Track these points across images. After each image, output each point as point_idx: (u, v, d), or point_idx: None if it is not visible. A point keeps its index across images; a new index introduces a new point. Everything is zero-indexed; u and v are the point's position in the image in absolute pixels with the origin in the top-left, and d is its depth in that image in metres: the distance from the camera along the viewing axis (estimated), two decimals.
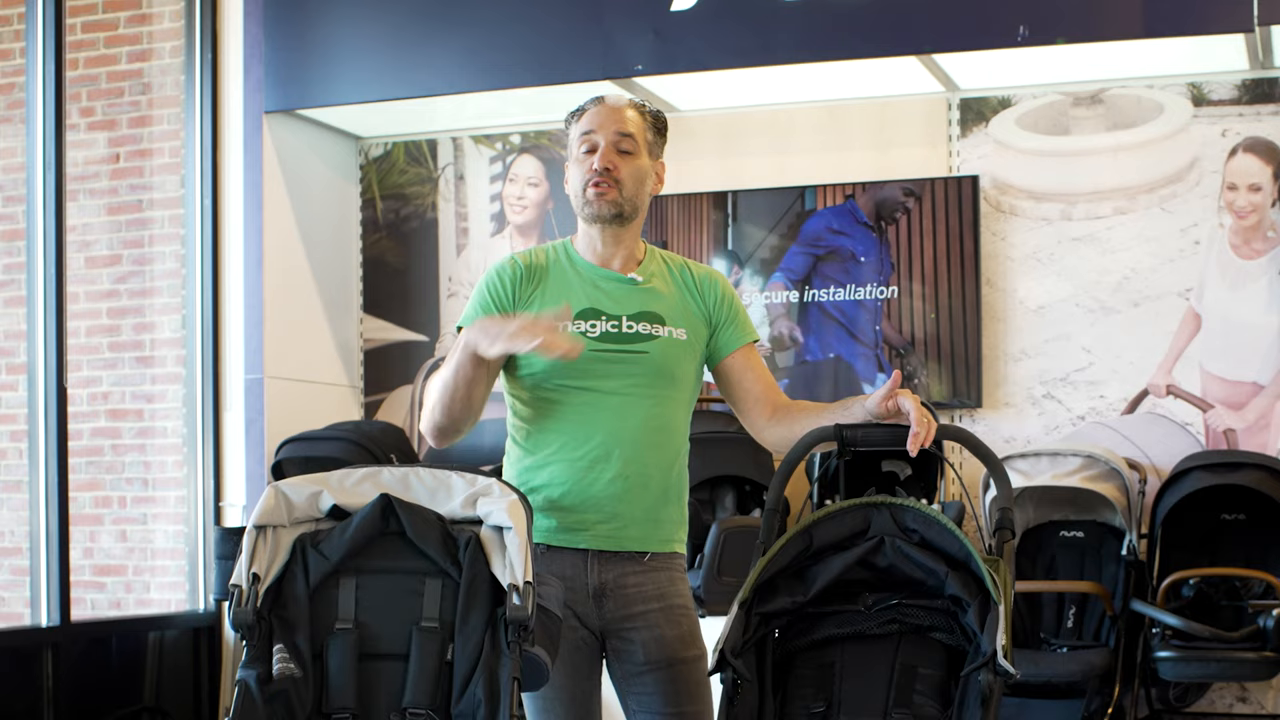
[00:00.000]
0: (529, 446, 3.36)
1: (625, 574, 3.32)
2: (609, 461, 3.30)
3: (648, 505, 3.34)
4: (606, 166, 3.32)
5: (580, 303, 3.34)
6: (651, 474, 3.33)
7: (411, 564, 3.28)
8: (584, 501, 3.31)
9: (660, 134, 3.43)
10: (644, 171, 3.38)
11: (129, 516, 6.83)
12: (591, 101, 3.41)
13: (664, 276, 3.43)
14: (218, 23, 6.46)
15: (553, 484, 3.32)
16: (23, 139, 5.94)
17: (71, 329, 6.62)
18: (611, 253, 3.40)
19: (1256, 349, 5.75)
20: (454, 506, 3.35)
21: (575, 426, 3.31)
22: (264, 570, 3.22)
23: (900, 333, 6.07)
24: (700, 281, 3.45)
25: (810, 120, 6.27)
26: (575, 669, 3.32)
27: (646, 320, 3.35)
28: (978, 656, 3.02)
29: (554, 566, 3.31)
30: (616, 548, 3.32)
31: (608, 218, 3.34)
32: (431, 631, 3.23)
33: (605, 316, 3.34)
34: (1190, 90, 5.86)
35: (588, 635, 3.34)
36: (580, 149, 3.36)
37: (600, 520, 3.31)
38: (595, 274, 3.38)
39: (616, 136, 3.35)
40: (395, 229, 6.82)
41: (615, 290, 3.37)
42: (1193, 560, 5.42)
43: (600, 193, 3.32)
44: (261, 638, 3.18)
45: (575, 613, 3.31)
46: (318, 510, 3.34)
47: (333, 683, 3.19)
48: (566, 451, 3.31)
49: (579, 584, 3.31)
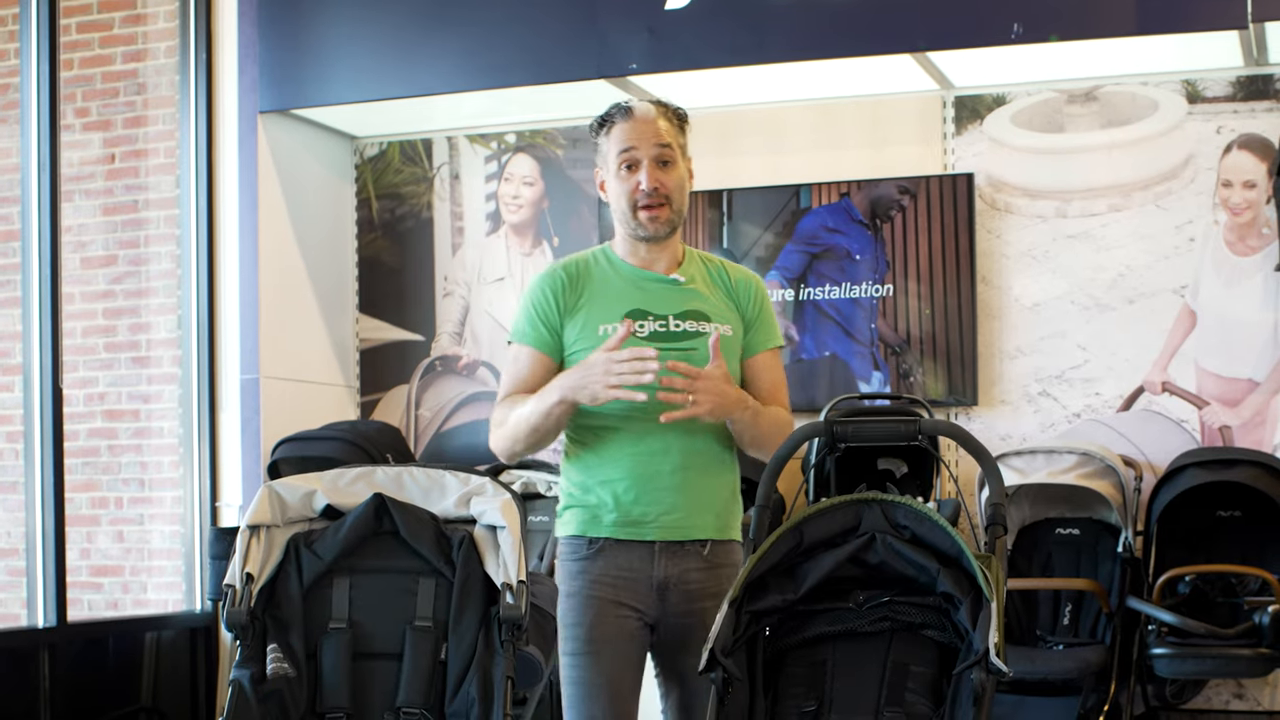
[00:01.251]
0: (589, 445, 3.44)
1: (688, 570, 3.41)
2: (668, 455, 3.40)
3: (707, 495, 3.44)
4: (655, 186, 3.41)
5: (627, 304, 3.45)
6: (708, 465, 3.44)
7: (405, 563, 3.30)
8: (646, 494, 3.39)
9: (685, 131, 3.54)
10: (684, 179, 3.50)
11: (126, 517, 6.83)
12: (620, 113, 3.47)
13: (704, 276, 3.54)
14: (212, 23, 6.46)
15: (615, 479, 3.40)
16: (18, 139, 5.93)
17: (67, 329, 6.62)
18: (655, 258, 3.51)
19: (1252, 346, 5.75)
20: (447, 506, 3.37)
21: (633, 424, 3.39)
22: (258, 570, 3.23)
23: (896, 331, 6.07)
24: (737, 282, 3.57)
25: (805, 118, 6.27)
26: (625, 659, 3.39)
27: (693, 318, 3.46)
28: (970, 654, 3.01)
29: (619, 559, 3.39)
30: (681, 538, 3.41)
31: (663, 236, 3.46)
32: (425, 631, 3.25)
33: (652, 316, 3.44)
34: (1185, 87, 5.86)
35: (642, 627, 3.41)
36: (621, 166, 3.43)
37: (664, 512, 3.39)
38: (638, 276, 3.49)
39: (657, 150, 3.43)
40: (390, 228, 6.82)
41: (660, 291, 3.48)
42: (1188, 557, 5.42)
43: (653, 215, 3.43)
44: (255, 637, 3.20)
45: (635, 604, 3.39)
46: (311, 510, 3.36)
47: (327, 682, 3.20)
48: (627, 447, 3.40)
49: (643, 577, 3.40)
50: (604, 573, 3.38)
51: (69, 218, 6.73)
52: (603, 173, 3.50)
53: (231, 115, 6.40)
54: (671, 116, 3.49)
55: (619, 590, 3.38)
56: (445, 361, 6.70)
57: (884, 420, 3.35)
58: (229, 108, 6.41)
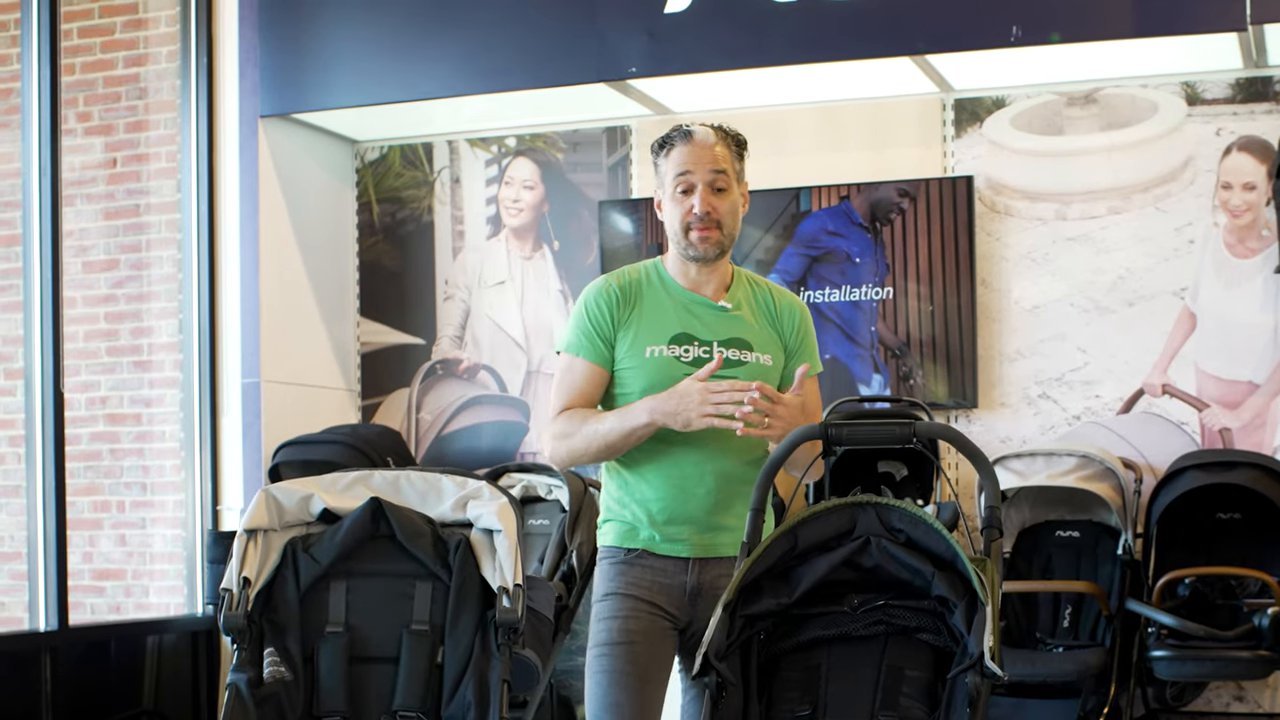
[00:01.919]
0: (629, 464, 3.53)
1: (720, 575, 3.49)
2: (703, 479, 3.49)
3: (740, 516, 3.46)
4: (708, 210, 3.50)
5: (674, 327, 3.53)
6: (741, 490, 3.49)
7: (402, 567, 3.31)
8: (681, 515, 3.49)
9: (742, 157, 3.62)
10: (737, 204, 3.58)
11: (128, 521, 6.83)
12: (680, 137, 3.56)
13: (750, 303, 3.62)
14: (213, 27, 6.47)
15: (651, 499, 3.49)
16: (19, 144, 5.93)
17: (70, 334, 6.64)
18: (705, 280, 3.59)
19: (1252, 348, 5.75)
20: (444, 509, 3.38)
21: (670, 448, 3.48)
22: (255, 574, 3.24)
23: (896, 333, 6.08)
24: (781, 309, 3.64)
25: (805, 121, 6.28)
26: (654, 655, 3.46)
27: (736, 346, 3.54)
28: (965, 658, 3.00)
29: (655, 564, 3.48)
30: (714, 554, 3.51)
31: (712, 258, 3.54)
32: (422, 634, 3.26)
33: (698, 342, 3.53)
34: (1184, 89, 5.86)
35: (672, 629, 3.49)
36: (676, 189, 3.53)
37: (698, 531, 3.50)
38: (688, 299, 3.57)
39: (712, 175, 3.52)
40: (391, 232, 6.83)
41: (707, 316, 3.56)
42: (1188, 559, 5.42)
43: (704, 236, 3.51)
44: (252, 641, 3.21)
45: (668, 608, 3.48)
46: (309, 514, 3.37)
47: (323, 685, 3.21)
48: (664, 470, 3.49)
49: (677, 583, 3.49)
50: (640, 576, 3.48)
51: (71, 222, 6.75)
52: (660, 193, 3.59)
53: (232, 119, 6.41)
54: (730, 143, 3.58)
55: (654, 593, 3.47)
56: (446, 365, 6.71)
57: (878, 423, 3.35)
58: (230, 112, 6.42)
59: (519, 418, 6.44)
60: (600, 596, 3.49)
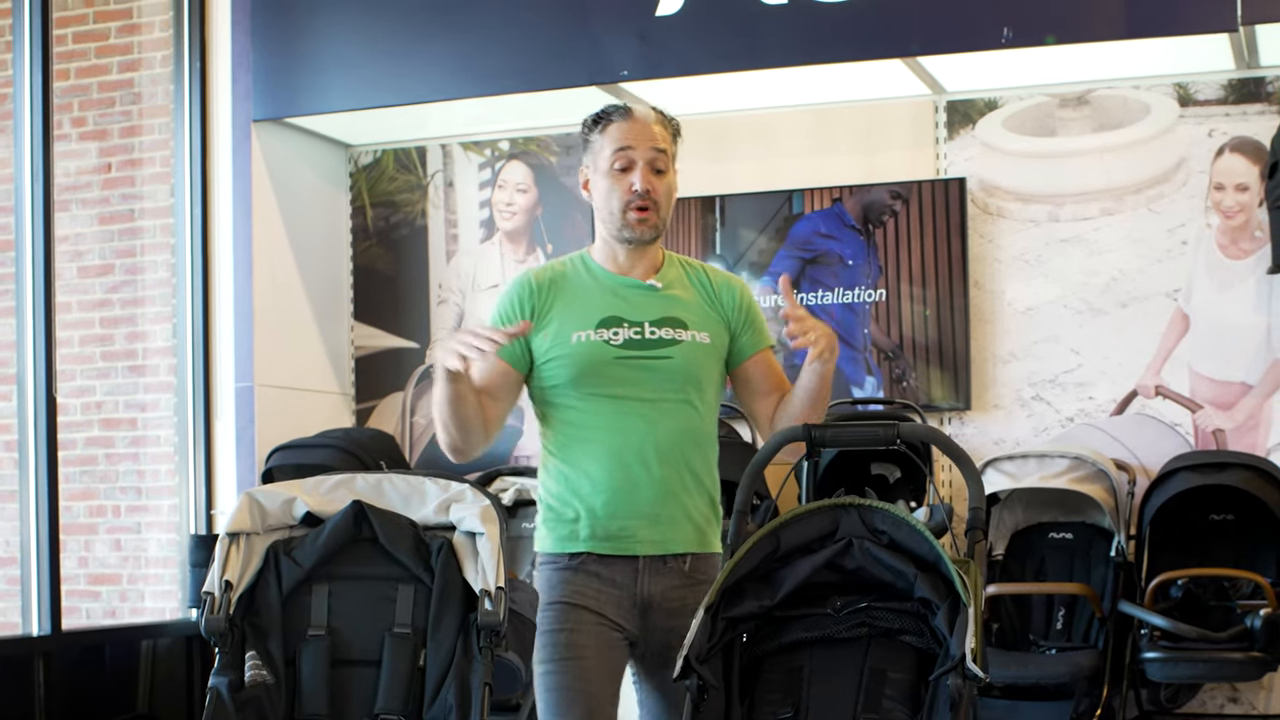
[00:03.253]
0: (565, 457, 3.37)
1: (671, 588, 3.35)
2: (647, 467, 3.33)
3: (687, 507, 3.37)
4: (648, 189, 3.36)
5: (601, 311, 3.38)
6: (688, 478, 3.37)
7: (384, 570, 3.30)
8: (627, 508, 3.33)
9: (677, 143, 3.48)
10: (673, 187, 3.44)
11: (123, 525, 6.84)
12: (619, 113, 3.41)
13: (683, 283, 3.46)
14: (206, 32, 6.47)
15: (594, 493, 3.33)
16: (12, 149, 5.94)
17: (65, 338, 6.64)
18: (633, 264, 3.44)
19: (1245, 349, 5.74)
20: (427, 513, 3.37)
21: (609, 435, 3.33)
22: (237, 577, 3.24)
23: (889, 336, 6.07)
24: (719, 287, 3.49)
25: (797, 124, 6.28)
26: (604, 669, 3.33)
27: (669, 325, 3.38)
28: (947, 660, 2.99)
29: (604, 573, 3.32)
30: (662, 551, 3.35)
31: (648, 240, 3.40)
32: (404, 637, 3.25)
33: (627, 323, 3.37)
34: (1176, 90, 5.85)
35: (622, 640, 3.35)
36: (614, 165, 3.37)
37: (644, 526, 3.33)
38: (615, 282, 3.42)
39: (652, 154, 3.38)
40: (385, 236, 6.83)
41: (636, 297, 3.40)
42: (1181, 561, 5.41)
43: (642, 218, 3.37)
44: (234, 645, 3.21)
45: (617, 619, 3.33)
46: (291, 517, 3.37)
47: (305, 689, 3.21)
48: (604, 460, 3.33)
49: (627, 593, 3.33)
50: (585, 584, 3.31)
51: (66, 227, 6.75)
52: (589, 171, 3.44)
53: (225, 124, 6.41)
54: (668, 124, 3.44)
55: (601, 603, 3.31)
56: None
57: (861, 425, 3.36)
58: (223, 116, 6.43)
59: (512, 421, 6.43)
60: (543, 606, 3.32)
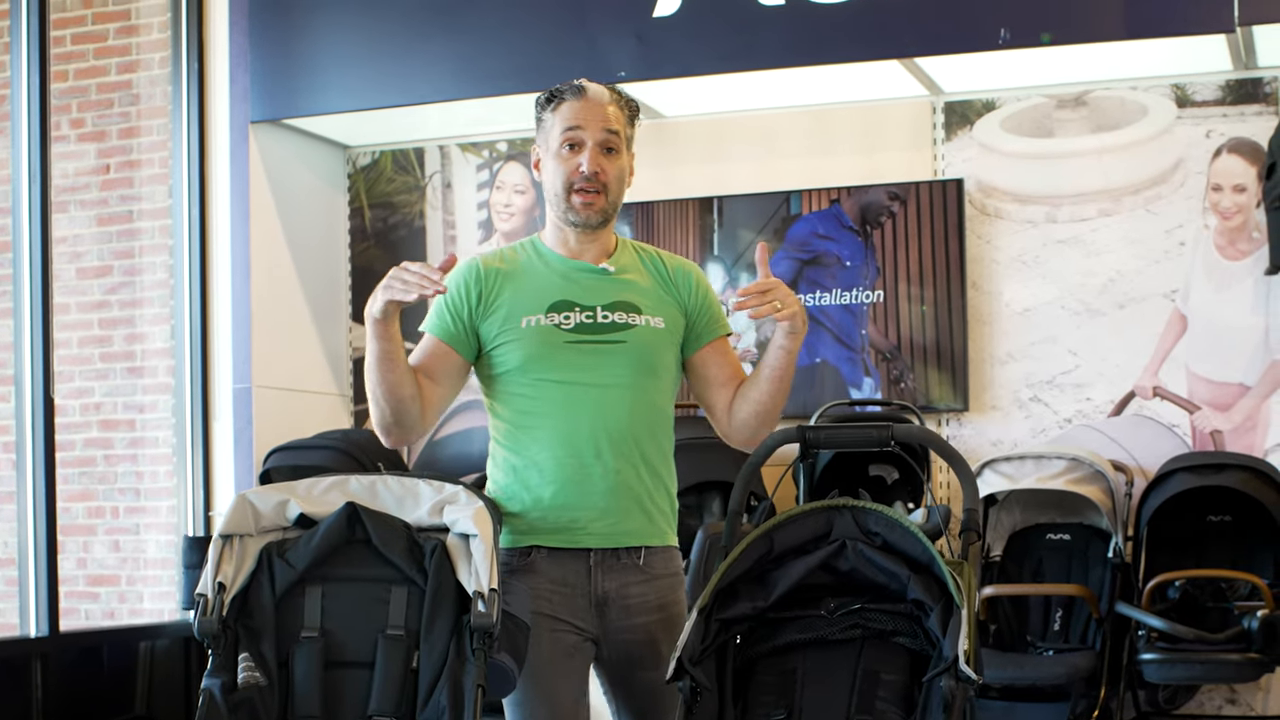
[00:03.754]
0: (514, 447, 3.31)
1: (628, 584, 3.29)
2: (599, 456, 3.25)
3: (641, 498, 3.30)
4: (596, 170, 3.26)
5: (552, 295, 3.29)
6: (641, 466, 3.29)
7: (377, 572, 3.28)
8: (577, 499, 3.25)
9: (634, 124, 3.36)
10: (624, 170, 3.33)
11: (122, 526, 6.84)
12: (572, 91, 3.29)
13: (638, 267, 3.38)
14: (204, 33, 6.48)
15: (543, 484, 3.26)
16: (9, 150, 5.94)
17: (63, 340, 6.64)
18: (584, 248, 3.35)
19: (1242, 350, 5.73)
20: (421, 514, 3.36)
21: (560, 422, 3.25)
22: (230, 579, 3.23)
23: (887, 337, 6.07)
24: (674, 272, 3.40)
25: (795, 125, 6.27)
26: (567, 674, 3.28)
27: (622, 310, 3.30)
28: (940, 661, 2.98)
29: (554, 572, 3.27)
30: (614, 544, 3.27)
31: (595, 225, 3.31)
32: (397, 639, 3.23)
33: (579, 308, 3.28)
34: (1174, 91, 5.85)
35: (583, 641, 3.29)
36: (562, 145, 3.27)
37: (595, 517, 3.26)
38: (566, 266, 3.33)
39: (604, 135, 3.27)
40: (383, 237, 6.83)
41: (588, 281, 3.32)
42: (1178, 562, 5.41)
43: (588, 201, 3.27)
44: (227, 646, 3.19)
45: (573, 621, 3.27)
46: (285, 519, 3.35)
47: (298, 691, 3.19)
48: (554, 449, 3.25)
49: (581, 592, 3.27)
50: (537, 587, 3.25)
51: (65, 228, 6.75)
52: (540, 150, 3.33)
53: (223, 125, 6.42)
54: (623, 105, 3.31)
55: (555, 605, 3.25)
56: None
57: (855, 426, 3.35)
58: (221, 118, 6.43)
59: None
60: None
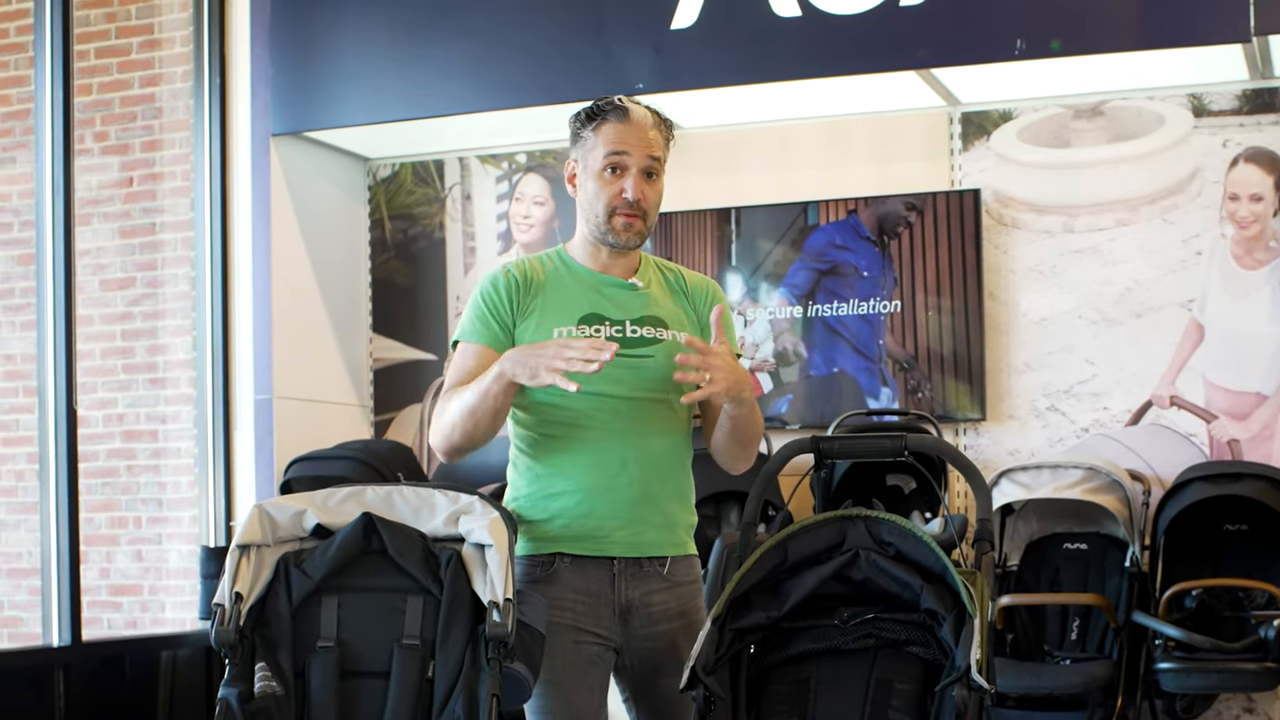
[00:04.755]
0: (538, 455, 3.33)
1: (651, 591, 3.32)
2: (625, 467, 3.28)
3: (664, 509, 3.33)
4: (639, 198, 3.29)
5: (582, 308, 3.33)
6: (665, 478, 3.34)
7: (393, 582, 3.31)
8: (603, 508, 3.29)
9: (669, 146, 3.40)
10: (662, 193, 3.37)
11: (144, 536, 6.88)
12: (616, 112, 3.32)
13: (660, 283, 3.43)
14: (226, 47, 6.52)
15: (569, 492, 3.30)
16: (34, 164, 5.99)
17: (86, 351, 6.70)
18: (613, 263, 3.39)
19: (1260, 359, 5.73)
20: (436, 525, 3.39)
21: (588, 433, 3.29)
22: (247, 589, 3.26)
23: (904, 346, 6.08)
24: (694, 288, 3.46)
25: (812, 136, 6.29)
26: (589, 685, 3.30)
27: (650, 325, 3.35)
28: (953, 671, 3.01)
29: (578, 582, 3.30)
30: (637, 553, 3.30)
31: (633, 246, 3.35)
32: (413, 649, 3.26)
33: (609, 322, 3.32)
34: (1190, 101, 5.85)
35: (605, 651, 3.32)
36: (605, 168, 3.29)
37: (620, 526, 3.29)
38: (595, 280, 3.37)
39: (647, 161, 3.30)
40: (403, 249, 6.86)
41: (617, 295, 3.36)
42: (1195, 571, 5.41)
43: (629, 224, 3.30)
44: (244, 656, 3.22)
45: (597, 630, 3.30)
46: (302, 529, 3.38)
47: (314, 700, 3.22)
48: (581, 459, 3.29)
49: (605, 600, 3.30)
50: (561, 597, 3.28)
51: (89, 240, 6.81)
52: (577, 165, 3.36)
53: (245, 138, 6.45)
54: (663, 128, 3.35)
55: (579, 615, 3.28)
56: None
57: (869, 436, 3.35)
58: (242, 131, 6.47)
59: None
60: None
